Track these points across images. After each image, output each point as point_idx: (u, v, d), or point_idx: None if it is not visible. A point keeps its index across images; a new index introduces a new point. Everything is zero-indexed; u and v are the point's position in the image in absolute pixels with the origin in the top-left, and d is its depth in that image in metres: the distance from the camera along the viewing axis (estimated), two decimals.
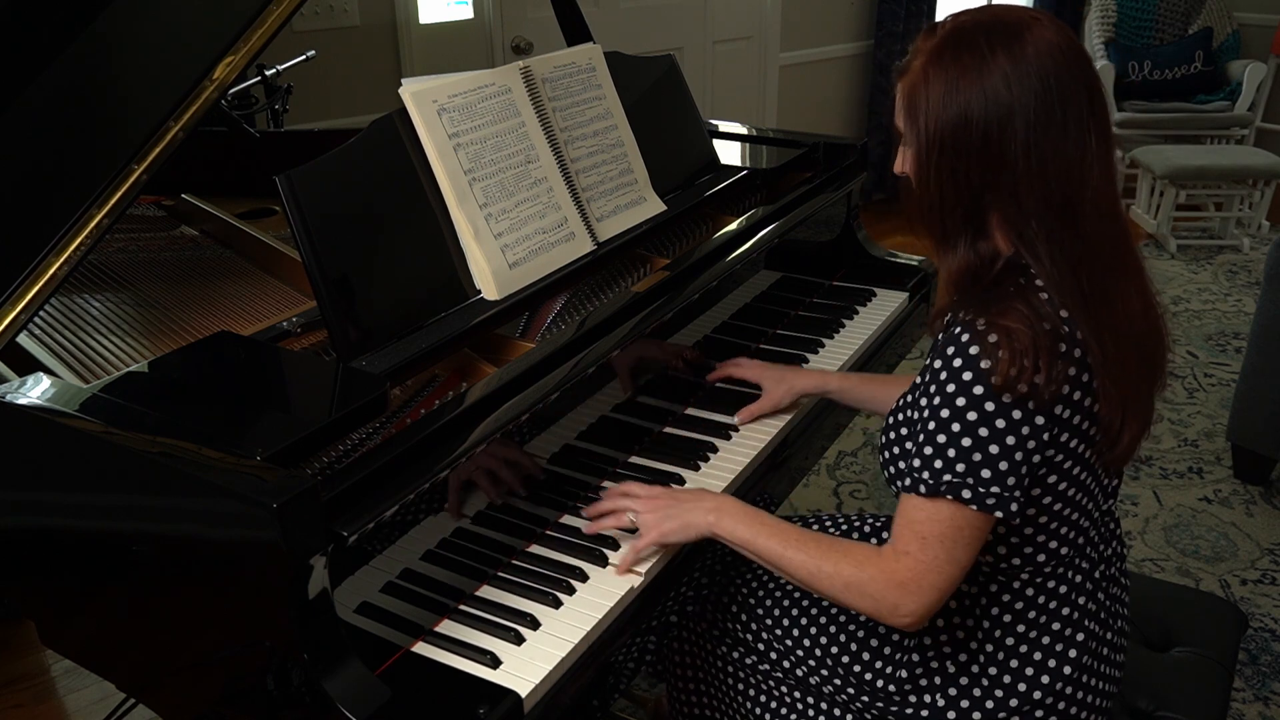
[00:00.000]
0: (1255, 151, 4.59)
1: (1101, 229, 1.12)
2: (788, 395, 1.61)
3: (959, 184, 1.12)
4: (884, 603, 1.12)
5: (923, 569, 1.10)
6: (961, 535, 1.10)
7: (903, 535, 1.12)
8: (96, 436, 1.09)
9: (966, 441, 1.08)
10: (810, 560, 1.18)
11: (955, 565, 1.11)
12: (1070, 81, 1.09)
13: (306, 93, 2.95)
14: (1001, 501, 1.09)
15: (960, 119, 1.09)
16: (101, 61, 1.53)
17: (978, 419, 1.07)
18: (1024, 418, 1.07)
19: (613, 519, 1.31)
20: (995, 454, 1.07)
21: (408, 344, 1.30)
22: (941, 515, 1.10)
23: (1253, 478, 2.87)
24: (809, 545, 1.19)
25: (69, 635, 1.35)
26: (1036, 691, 1.24)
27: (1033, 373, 1.06)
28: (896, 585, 1.11)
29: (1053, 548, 1.21)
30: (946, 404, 1.09)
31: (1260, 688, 2.15)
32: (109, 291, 1.64)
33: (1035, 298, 1.10)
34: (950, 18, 1.16)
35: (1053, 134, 1.08)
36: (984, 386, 1.06)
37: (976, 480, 1.08)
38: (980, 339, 1.07)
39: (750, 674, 1.49)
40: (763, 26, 4.46)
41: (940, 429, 1.09)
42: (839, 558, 1.17)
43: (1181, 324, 3.88)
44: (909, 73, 1.15)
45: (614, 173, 1.66)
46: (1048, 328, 1.08)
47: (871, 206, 4.94)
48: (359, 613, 1.13)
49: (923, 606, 1.11)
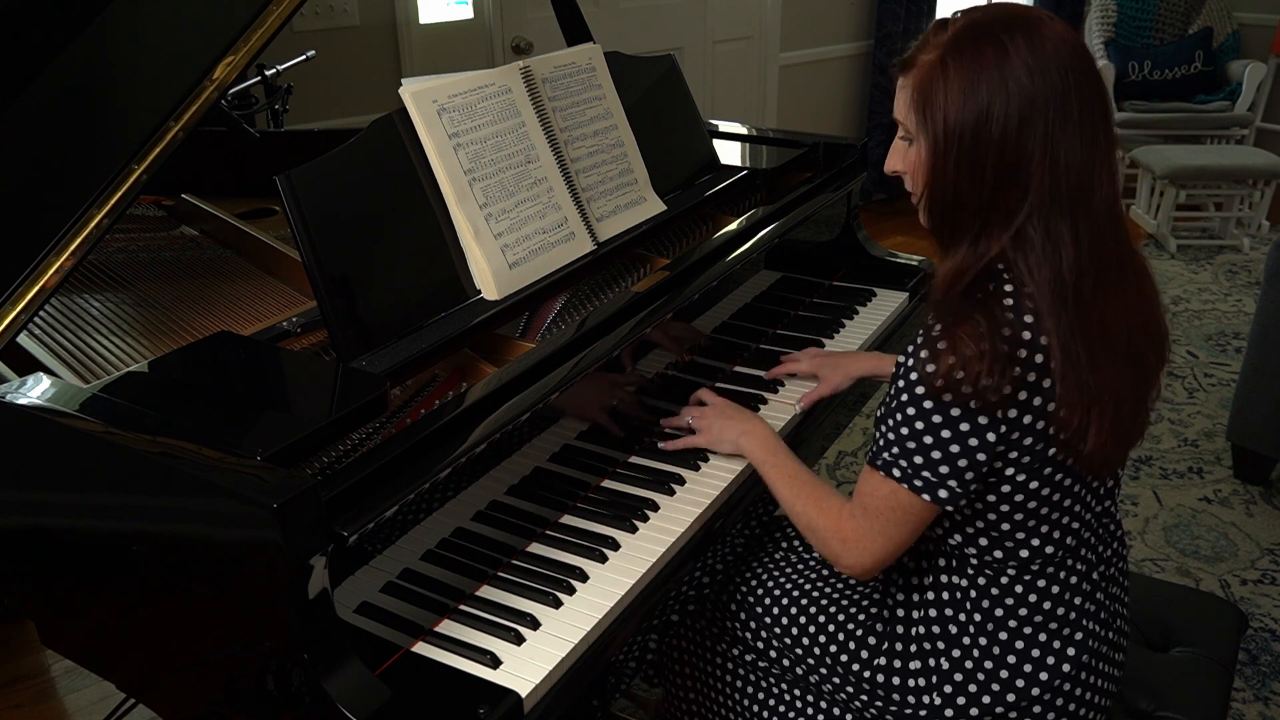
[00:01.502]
0: (1255, 151, 4.59)
1: (1107, 229, 1.12)
2: (845, 380, 1.68)
3: (975, 181, 1.11)
4: (828, 549, 1.27)
5: (860, 533, 1.23)
6: (894, 514, 1.19)
7: (855, 500, 1.25)
8: (96, 436, 1.09)
9: (905, 431, 1.15)
10: (791, 496, 1.34)
11: (887, 540, 1.21)
12: (1085, 78, 1.10)
13: (306, 93, 2.95)
14: (930, 486, 1.15)
15: (982, 114, 1.09)
16: (101, 61, 1.53)
17: (915, 414, 1.14)
18: (963, 417, 1.11)
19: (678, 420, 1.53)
20: (929, 444, 1.14)
21: (408, 344, 1.30)
22: (881, 491, 1.20)
23: (1253, 478, 2.87)
24: (796, 484, 1.35)
25: (69, 635, 1.35)
26: (1035, 689, 1.24)
27: (975, 378, 1.09)
28: (839, 539, 1.25)
29: (1036, 545, 1.21)
30: (895, 396, 1.17)
31: (1260, 688, 2.15)
32: (109, 291, 1.64)
33: (999, 305, 1.11)
34: (962, 13, 1.14)
35: (1069, 131, 1.09)
36: (925, 387, 1.12)
37: (909, 464, 1.16)
38: (930, 344, 1.12)
39: (749, 671, 1.49)
40: (763, 26, 4.46)
41: (889, 415, 1.18)
42: (809, 501, 1.31)
43: (1181, 324, 3.88)
44: (919, 67, 1.13)
45: (614, 173, 1.66)
46: (1006, 334, 1.09)
47: (871, 206, 4.94)
48: (359, 613, 1.13)
49: (859, 565, 1.24)
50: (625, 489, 1.45)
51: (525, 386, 1.30)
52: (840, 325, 1.94)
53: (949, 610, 1.28)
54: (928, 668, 1.29)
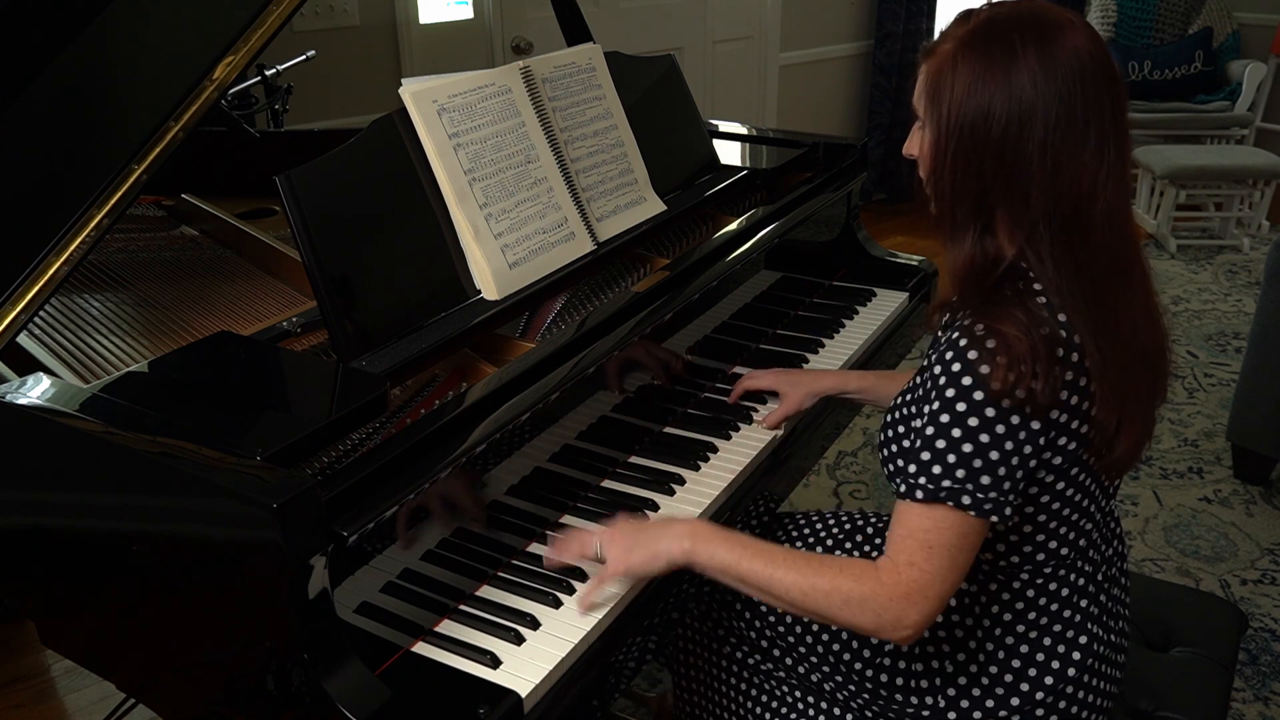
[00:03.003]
0: (1255, 151, 4.59)
1: (1110, 240, 1.11)
2: (807, 399, 1.60)
3: (971, 176, 1.11)
4: (886, 616, 1.09)
5: (928, 579, 1.08)
6: (965, 542, 1.09)
7: (905, 545, 1.10)
8: (96, 436, 1.09)
9: (967, 447, 1.07)
10: (803, 579, 1.13)
11: (956, 572, 1.10)
12: (1097, 90, 1.08)
13: (306, 93, 2.95)
14: (997, 506, 1.09)
15: (982, 112, 1.08)
16: (101, 61, 1.53)
17: (978, 425, 1.07)
18: (1021, 423, 1.07)
19: (577, 546, 1.25)
20: (995, 459, 1.07)
21: (408, 344, 1.30)
22: (945, 523, 1.08)
23: (1253, 478, 2.87)
24: (799, 563, 1.15)
25: (69, 635, 1.35)
26: (1039, 692, 1.24)
27: (1029, 379, 1.05)
28: (901, 597, 1.08)
29: (1052, 548, 1.21)
30: (946, 409, 1.08)
31: (1260, 688, 2.15)
32: (109, 291, 1.64)
33: (1033, 302, 1.10)
34: (987, 7, 1.14)
35: (1072, 141, 1.07)
36: (983, 392, 1.06)
37: (975, 486, 1.08)
38: (978, 344, 1.07)
39: (753, 673, 1.49)
40: (763, 26, 4.46)
41: (939, 434, 1.09)
42: (834, 574, 1.12)
43: (1181, 324, 3.88)
44: (936, 56, 1.13)
45: (614, 173, 1.66)
46: (1045, 333, 1.08)
47: (871, 206, 4.94)
48: (359, 613, 1.13)
49: (925, 617, 1.09)
50: (625, 489, 1.45)
51: (525, 386, 1.30)
52: (840, 325, 1.94)
53: (956, 615, 1.27)
54: (931, 670, 1.29)
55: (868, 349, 1.90)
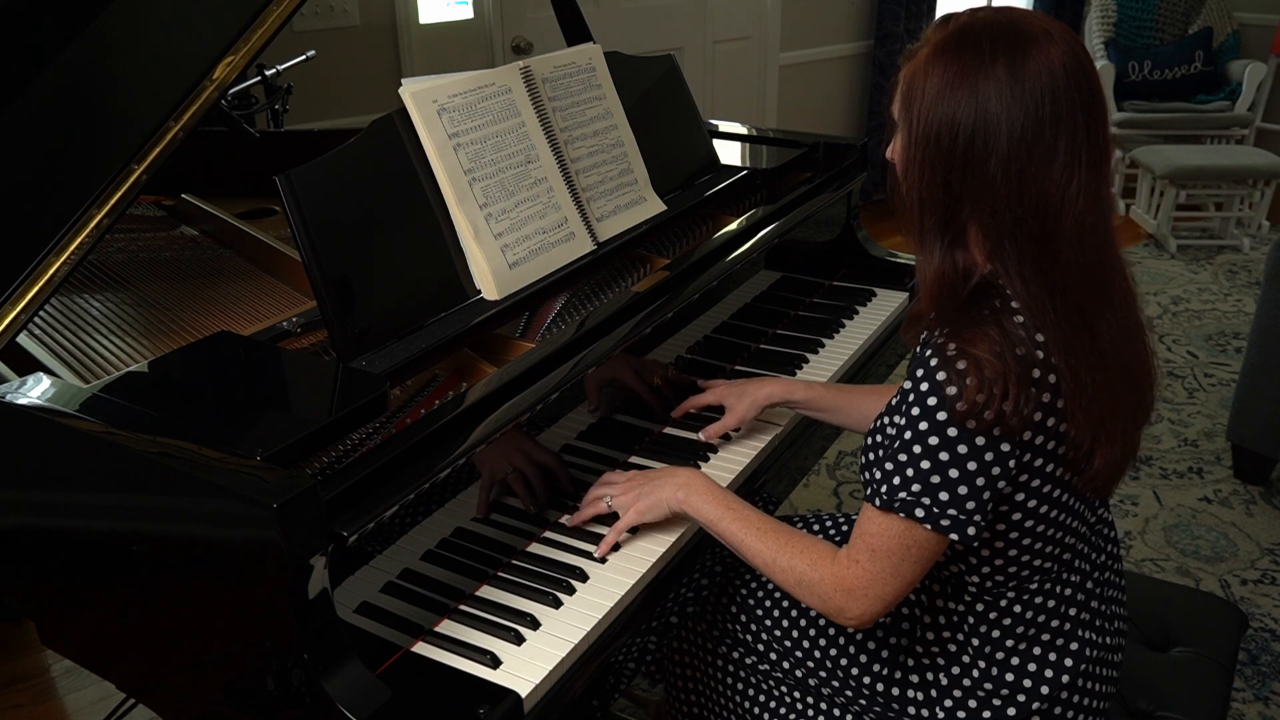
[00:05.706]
0: (1255, 151, 4.59)
1: (1082, 258, 1.08)
2: (751, 409, 1.55)
3: (938, 186, 1.09)
4: (830, 604, 1.17)
5: (869, 579, 1.13)
6: (909, 553, 1.11)
7: (856, 544, 1.15)
8: (96, 436, 1.09)
9: (926, 464, 1.08)
10: (767, 550, 1.22)
11: (900, 579, 1.13)
12: (1069, 105, 1.05)
13: (306, 93, 2.95)
14: (956, 524, 1.08)
15: (948, 121, 1.06)
16: (102, 61, 1.53)
17: (939, 443, 1.07)
18: (988, 444, 1.06)
19: (591, 508, 1.35)
20: (955, 478, 1.07)
21: (408, 344, 1.30)
22: (893, 531, 1.11)
23: (1253, 478, 2.87)
24: (769, 536, 1.23)
25: (69, 635, 1.35)
26: (1035, 701, 1.23)
27: (1000, 401, 1.04)
28: (843, 590, 1.15)
29: (1036, 565, 1.20)
30: (910, 425, 1.09)
31: (1260, 688, 2.15)
32: (109, 291, 1.64)
33: (1009, 321, 1.08)
34: (966, 13, 1.12)
35: (1038, 155, 1.05)
36: (947, 413, 1.06)
37: (933, 501, 1.08)
38: (948, 365, 1.06)
39: (750, 674, 1.49)
40: (763, 26, 4.46)
41: (903, 448, 1.10)
42: (794, 554, 1.20)
43: (1181, 324, 3.88)
44: (913, 60, 1.12)
45: (614, 173, 1.66)
46: (1020, 353, 1.06)
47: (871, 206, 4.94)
48: (359, 613, 1.13)
49: (867, 613, 1.15)
50: None
51: (525, 386, 1.30)
52: (840, 325, 1.94)
53: (946, 633, 1.26)
54: (926, 682, 1.29)
55: (868, 349, 1.90)
